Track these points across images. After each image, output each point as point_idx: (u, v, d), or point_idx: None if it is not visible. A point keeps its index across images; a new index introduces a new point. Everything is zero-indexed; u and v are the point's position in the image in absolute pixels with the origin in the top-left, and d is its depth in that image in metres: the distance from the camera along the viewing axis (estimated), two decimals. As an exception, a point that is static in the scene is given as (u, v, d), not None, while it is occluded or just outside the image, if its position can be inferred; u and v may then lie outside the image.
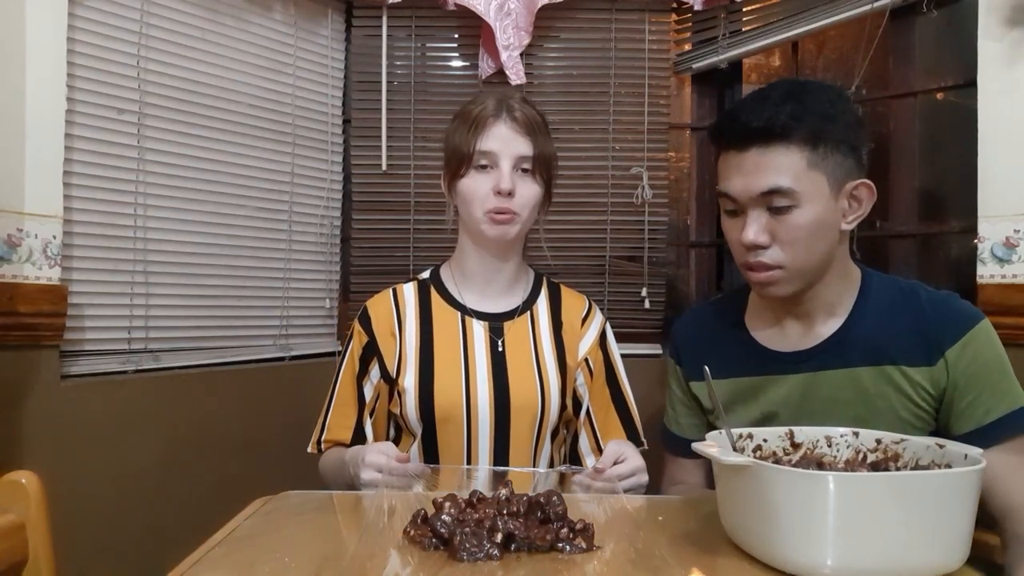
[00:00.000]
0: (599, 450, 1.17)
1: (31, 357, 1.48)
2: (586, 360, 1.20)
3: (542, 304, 1.22)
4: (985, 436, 0.93)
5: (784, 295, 0.99)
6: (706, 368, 0.85)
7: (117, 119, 1.65)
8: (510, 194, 1.10)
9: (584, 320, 1.24)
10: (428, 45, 2.13)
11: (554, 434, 1.17)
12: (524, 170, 1.13)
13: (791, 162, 0.93)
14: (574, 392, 1.21)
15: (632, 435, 1.19)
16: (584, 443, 1.21)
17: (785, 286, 0.98)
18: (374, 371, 1.19)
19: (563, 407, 1.16)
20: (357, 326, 1.22)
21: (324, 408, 1.22)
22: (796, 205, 0.94)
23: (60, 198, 1.52)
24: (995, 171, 1.53)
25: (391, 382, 1.17)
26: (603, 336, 1.24)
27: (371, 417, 1.19)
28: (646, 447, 1.20)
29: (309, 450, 1.22)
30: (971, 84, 1.58)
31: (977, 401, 0.94)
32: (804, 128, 0.93)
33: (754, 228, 0.95)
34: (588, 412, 1.21)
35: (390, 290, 1.24)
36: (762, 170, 0.94)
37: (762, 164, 0.94)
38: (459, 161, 1.13)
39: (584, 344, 1.22)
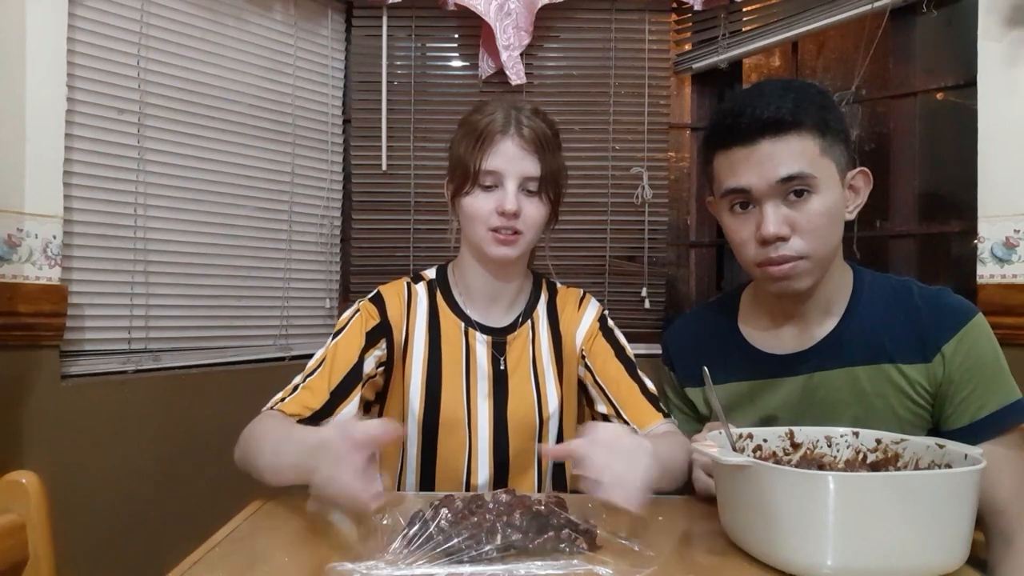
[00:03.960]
0: (618, 414, 1.12)
1: (31, 357, 1.48)
2: (583, 356, 1.18)
3: (542, 308, 1.20)
4: (978, 431, 0.93)
5: (803, 288, 0.98)
6: (705, 369, 0.85)
7: (117, 119, 1.65)
8: (515, 215, 1.06)
9: (579, 306, 1.22)
10: (428, 45, 2.13)
11: (559, 441, 1.16)
12: (530, 191, 1.09)
13: (806, 148, 0.93)
14: (583, 390, 1.19)
15: (658, 407, 1.13)
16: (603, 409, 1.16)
17: (806, 278, 0.97)
18: (379, 352, 1.11)
19: (561, 426, 1.15)
20: (369, 306, 1.13)
21: (304, 375, 1.07)
22: (814, 191, 0.93)
23: (60, 198, 1.52)
24: (995, 171, 1.53)
25: (386, 376, 1.13)
26: (602, 322, 1.20)
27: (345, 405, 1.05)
28: (673, 420, 1.14)
29: (267, 407, 1.05)
30: (971, 84, 1.58)
31: (972, 396, 0.94)
32: (812, 116, 0.93)
33: (774, 219, 0.94)
34: (602, 388, 1.15)
35: (404, 284, 1.18)
36: (778, 158, 0.93)
37: (776, 153, 0.93)
38: (463, 177, 1.09)
39: (580, 331, 1.19)
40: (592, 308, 1.22)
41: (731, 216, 1.01)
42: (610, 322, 1.22)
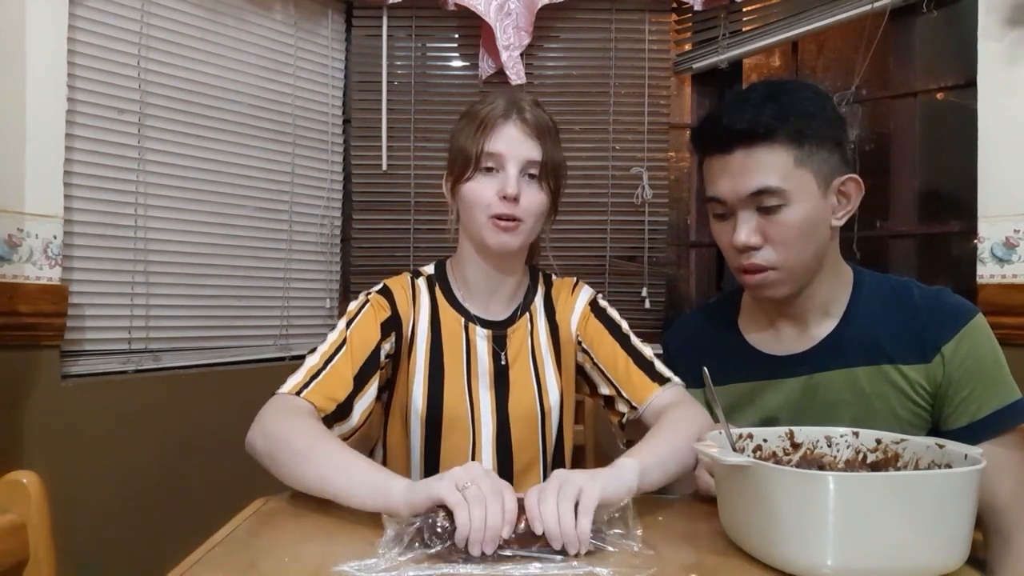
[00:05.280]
0: (619, 394, 1.11)
1: (32, 357, 1.48)
2: (579, 341, 1.18)
3: (539, 301, 1.20)
4: (977, 431, 0.93)
5: (780, 296, 0.99)
6: (705, 370, 0.85)
7: (117, 119, 1.66)
8: (515, 199, 1.05)
9: (572, 292, 1.21)
10: (428, 45, 2.13)
11: (559, 438, 1.16)
12: (531, 175, 1.08)
13: (777, 161, 0.93)
14: (584, 377, 1.19)
15: (655, 376, 1.10)
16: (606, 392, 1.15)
17: (780, 287, 0.98)
18: (388, 345, 1.09)
19: (562, 416, 1.15)
20: (379, 298, 1.11)
21: (322, 358, 1.02)
22: (786, 204, 0.94)
23: (60, 198, 1.52)
24: (995, 171, 1.53)
25: (392, 371, 1.12)
26: (593, 304, 1.19)
27: (363, 396, 1.03)
28: (677, 380, 1.09)
29: (283, 391, 0.98)
30: (971, 84, 1.58)
31: (971, 396, 0.94)
32: (787, 127, 0.93)
33: (745, 230, 0.95)
34: (601, 369, 1.14)
35: (407, 278, 1.17)
36: (749, 171, 0.94)
37: (748, 165, 0.94)
38: (464, 163, 1.08)
39: (574, 317, 1.18)
40: (584, 293, 1.21)
41: (714, 222, 1.03)
42: (602, 302, 1.20)
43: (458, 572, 0.69)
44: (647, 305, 2.08)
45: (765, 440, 0.89)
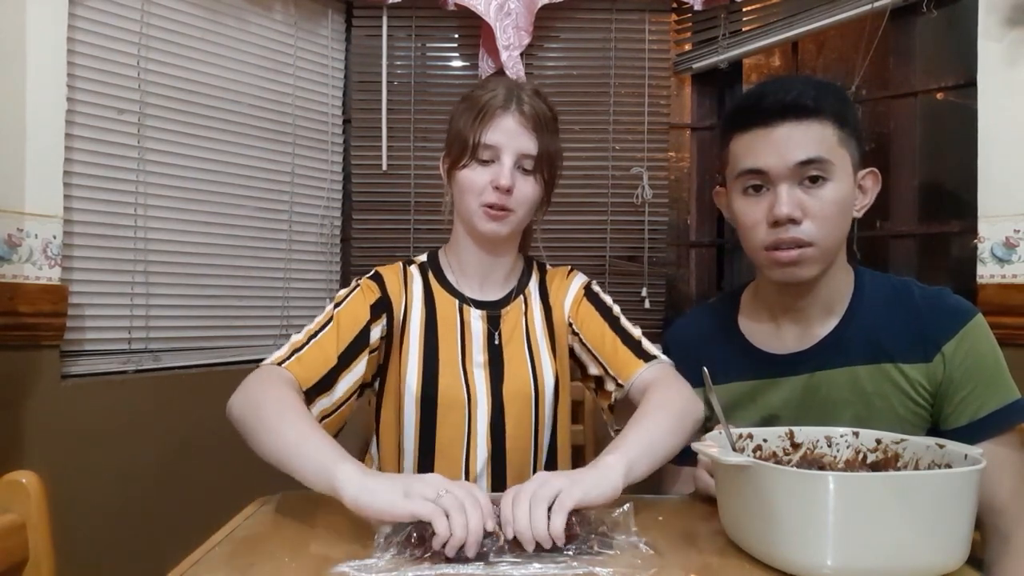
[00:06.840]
0: (607, 372, 1.11)
1: (31, 357, 1.48)
2: (570, 324, 1.18)
3: (533, 286, 1.22)
4: (977, 430, 0.93)
5: (808, 276, 0.98)
6: (705, 370, 0.85)
7: (117, 119, 1.66)
8: (508, 191, 1.07)
9: (566, 277, 1.22)
10: (428, 45, 2.13)
11: (554, 421, 1.16)
12: (526, 170, 1.10)
13: (826, 135, 0.95)
14: (574, 359, 1.20)
15: (641, 354, 1.10)
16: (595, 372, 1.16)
17: (812, 266, 0.97)
18: (381, 325, 1.10)
19: (557, 398, 1.15)
20: (369, 282, 1.13)
21: (307, 334, 1.03)
22: (829, 178, 0.95)
23: (60, 198, 1.52)
24: (995, 171, 1.53)
25: (385, 352, 1.13)
26: (587, 289, 1.20)
27: (348, 375, 1.04)
28: (664, 359, 1.10)
29: (267, 362, 1.00)
30: (971, 84, 1.58)
31: (971, 396, 0.95)
32: (832, 106, 0.95)
33: (788, 201, 0.95)
34: (590, 349, 1.15)
35: (400, 265, 1.19)
36: (798, 141, 0.94)
37: (796, 136, 0.94)
38: (461, 150, 1.09)
39: (567, 300, 1.19)
40: (578, 279, 1.23)
41: (743, 198, 1.01)
42: (595, 287, 1.22)
43: (459, 572, 0.69)
44: (647, 305, 2.08)
45: (765, 440, 0.89)
